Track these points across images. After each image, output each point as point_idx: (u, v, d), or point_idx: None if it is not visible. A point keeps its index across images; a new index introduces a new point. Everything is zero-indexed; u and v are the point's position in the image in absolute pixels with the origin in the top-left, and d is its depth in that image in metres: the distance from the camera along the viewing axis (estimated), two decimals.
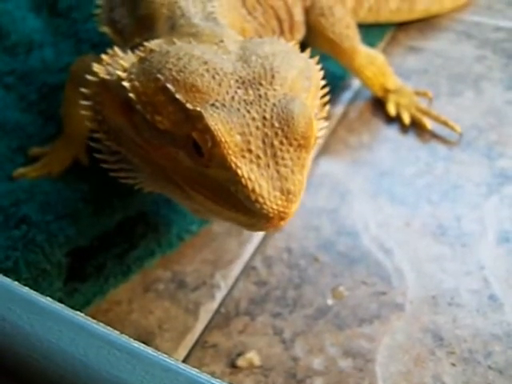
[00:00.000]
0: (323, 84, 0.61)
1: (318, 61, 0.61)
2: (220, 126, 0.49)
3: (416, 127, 0.91)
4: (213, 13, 0.65)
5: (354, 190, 0.82)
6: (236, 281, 0.72)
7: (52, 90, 0.89)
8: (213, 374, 0.62)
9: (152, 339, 0.67)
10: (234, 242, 0.76)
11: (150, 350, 0.38)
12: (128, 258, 0.73)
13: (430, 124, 0.90)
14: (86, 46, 0.95)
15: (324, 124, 0.62)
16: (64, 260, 0.69)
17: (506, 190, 0.81)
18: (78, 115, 0.65)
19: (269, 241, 0.76)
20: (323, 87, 0.61)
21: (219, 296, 0.71)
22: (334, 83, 0.93)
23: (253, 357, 0.65)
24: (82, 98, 0.62)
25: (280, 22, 0.86)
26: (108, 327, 0.39)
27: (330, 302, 0.70)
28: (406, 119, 0.91)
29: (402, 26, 1.10)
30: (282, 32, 0.86)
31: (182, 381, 0.36)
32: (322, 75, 0.60)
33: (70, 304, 0.42)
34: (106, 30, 0.75)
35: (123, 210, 0.74)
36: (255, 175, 0.49)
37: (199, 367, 0.63)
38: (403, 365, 0.64)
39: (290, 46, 0.60)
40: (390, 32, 1.09)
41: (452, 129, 0.89)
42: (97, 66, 0.59)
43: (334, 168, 0.85)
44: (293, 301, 0.70)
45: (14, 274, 0.65)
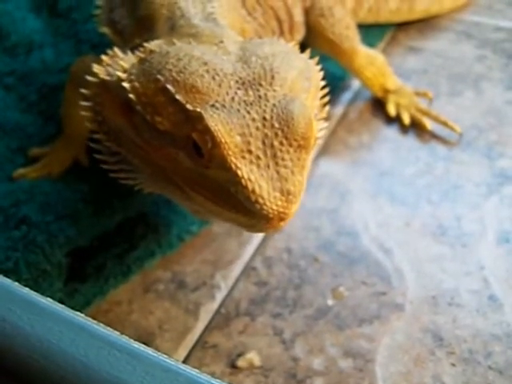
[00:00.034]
0: (323, 85, 0.61)
1: (318, 61, 0.61)
2: (220, 127, 0.49)
3: (416, 127, 0.91)
4: (213, 13, 0.65)
5: (353, 190, 0.82)
6: (236, 281, 0.72)
7: (52, 91, 0.89)
8: (213, 375, 0.62)
9: (152, 340, 0.67)
10: (234, 242, 0.76)
11: (150, 350, 0.38)
12: (128, 258, 0.73)
13: (429, 124, 0.90)
14: (86, 47, 0.96)
15: (324, 125, 0.62)
16: (64, 260, 0.69)
17: (506, 190, 0.81)
18: (78, 116, 0.65)
19: (269, 241, 0.76)
20: (323, 88, 0.61)
21: (219, 296, 0.71)
22: (334, 84, 0.93)
23: (253, 357, 0.65)
24: (82, 99, 0.62)
25: (280, 22, 0.86)
26: (108, 328, 0.39)
27: (330, 302, 0.70)
28: (406, 119, 0.91)
29: (402, 26, 1.10)
30: (281, 33, 0.86)
31: (182, 381, 0.36)
32: (321, 76, 0.60)
33: (70, 304, 0.42)
34: (105, 30, 0.75)
35: (123, 210, 0.75)
36: (255, 176, 0.49)
37: (199, 367, 0.63)
38: (403, 365, 0.64)
39: (290, 47, 0.60)
40: (389, 32, 1.09)
41: (452, 129, 0.89)
42: (97, 67, 0.59)
43: (333, 168, 0.85)
44: (293, 301, 0.70)
45: (15, 274, 0.65)
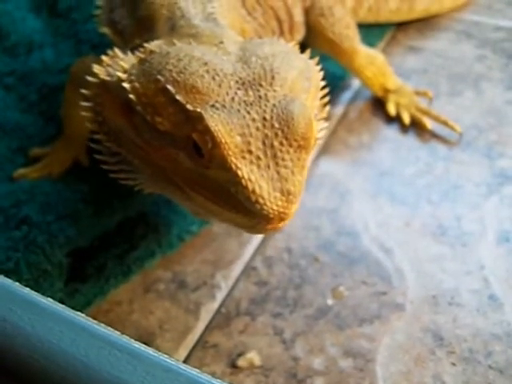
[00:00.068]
0: (323, 85, 0.61)
1: (318, 61, 0.61)
2: (220, 127, 0.49)
3: (416, 127, 0.91)
4: (213, 13, 0.65)
5: (353, 190, 0.82)
6: (236, 281, 0.72)
7: (52, 91, 0.89)
8: (213, 374, 0.62)
9: (153, 339, 0.67)
10: (234, 242, 0.76)
11: (150, 350, 0.38)
12: (128, 258, 0.73)
13: (429, 124, 0.90)
14: (86, 47, 0.96)
15: (324, 125, 0.62)
16: (65, 261, 0.69)
17: (506, 190, 0.81)
18: (78, 116, 0.65)
19: (269, 241, 0.76)
20: (323, 88, 0.61)
21: (220, 296, 0.71)
22: (334, 83, 0.93)
23: (253, 357, 0.65)
24: (82, 99, 0.62)
25: (280, 22, 0.86)
26: (109, 328, 0.39)
27: (330, 302, 0.70)
28: (406, 119, 0.91)
29: (402, 25, 1.10)
30: (281, 32, 0.86)
31: (182, 381, 0.36)
32: (321, 76, 0.60)
33: (70, 305, 0.42)
34: (106, 30, 0.75)
35: (123, 210, 0.75)
36: (255, 176, 0.49)
37: (200, 367, 0.63)
38: (403, 365, 0.64)
39: (290, 47, 0.60)
40: (389, 32, 1.09)
41: (452, 129, 0.89)
42: (97, 68, 0.59)
43: (333, 168, 0.85)
44: (293, 301, 0.70)
45: (15, 274, 0.65)
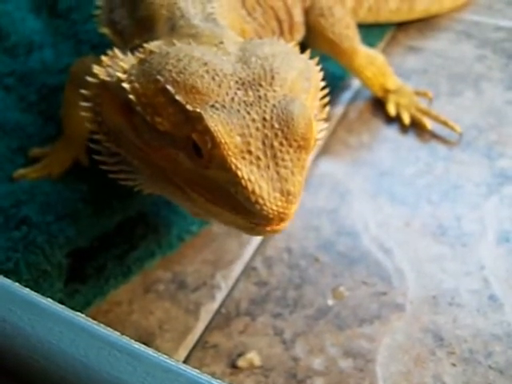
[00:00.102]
0: (323, 85, 0.61)
1: (318, 61, 0.61)
2: (220, 128, 0.49)
3: (416, 127, 0.91)
4: (212, 14, 0.65)
5: (353, 190, 0.82)
6: (236, 281, 0.72)
7: (52, 91, 0.89)
8: (213, 375, 0.62)
9: (152, 340, 0.67)
10: (234, 242, 0.76)
11: (150, 350, 0.38)
12: (128, 258, 0.73)
13: (429, 124, 0.90)
14: (86, 47, 0.95)
15: (324, 125, 0.62)
16: (64, 261, 0.69)
17: (506, 190, 0.81)
18: (78, 116, 0.65)
19: (269, 241, 0.76)
20: (323, 88, 0.61)
21: (220, 296, 0.71)
22: (334, 83, 0.93)
23: (253, 357, 0.65)
24: (82, 100, 0.62)
25: (280, 22, 0.86)
26: (108, 328, 0.39)
27: (330, 302, 0.70)
28: (406, 119, 0.91)
29: (402, 26, 1.10)
30: (281, 33, 0.86)
31: (182, 381, 0.36)
32: (321, 76, 0.60)
33: (70, 305, 0.42)
34: (105, 31, 0.75)
35: (123, 210, 0.75)
36: (255, 176, 0.49)
37: (200, 368, 0.63)
38: (403, 365, 0.64)
39: (290, 47, 0.60)
40: (389, 32, 1.09)
41: (452, 129, 0.89)
42: (97, 68, 0.59)
43: (333, 168, 0.85)
44: (293, 301, 0.70)
45: (15, 275, 0.65)
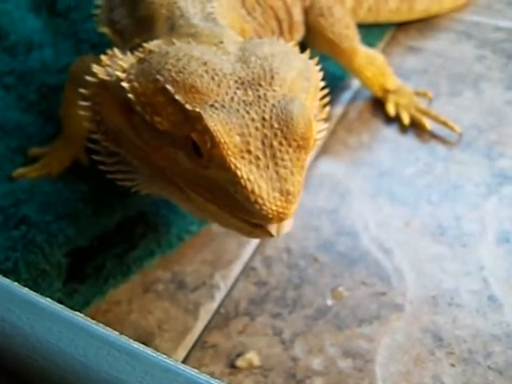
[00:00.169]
0: (323, 85, 0.60)
1: (318, 61, 0.61)
2: (219, 127, 0.49)
3: (415, 127, 0.91)
4: (212, 13, 0.65)
5: (353, 190, 0.82)
6: (235, 281, 0.72)
7: (51, 91, 0.89)
8: (212, 375, 0.62)
9: (151, 340, 0.67)
10: (233, 242, 0.76)
11: (149, 350, 0.38)
12: (128, 258, 0.73)
13: (429, 124, 0.90)
14: (86, 47, 0.96)
15: (324, 126, 0.62)
16: (63, 260, 0.69)
17: (506, 190, 0.81)
18: (78, 116, 0.65)
19: (268, 241, 0.76)
20: (323, 88, 0.61)
21: (219, 296, 0.71)
22: (334, 83, 0.93)
23: (252, 357, 0.65)
24: (81, 99, 0.61)
25: (279, 22, 0.86)
26: (107, 328, 0.39)
27: (329, 302, 0.70)
28: (406, 119, 0.91)
29: (402, 26, 1.10)
30: (281, 32, 0.86)
31: (181, 381, 0.36)
32: (321, 76, 0.60)
33: (69, 305, 0.42)
34: (105, 30, 0.75)
35: (123, 210, 0.74)
36: (254, 176, 0.48)
37: (198, 367, 0.63)
38: (403, 365, 0.64)
39: (290, 47, 0.60)
40: (389, 32, 1.09)
41: (451, 129, 0.89)
42: (96, 67, 0.59)
43: (333, 168, 0.85)
44: (292, 301, 0.70)
45: (14, 274, 0.65)
